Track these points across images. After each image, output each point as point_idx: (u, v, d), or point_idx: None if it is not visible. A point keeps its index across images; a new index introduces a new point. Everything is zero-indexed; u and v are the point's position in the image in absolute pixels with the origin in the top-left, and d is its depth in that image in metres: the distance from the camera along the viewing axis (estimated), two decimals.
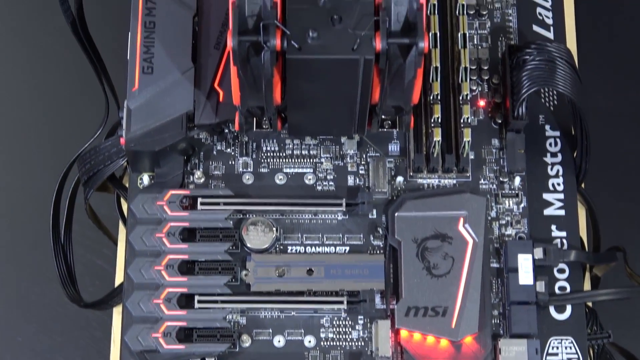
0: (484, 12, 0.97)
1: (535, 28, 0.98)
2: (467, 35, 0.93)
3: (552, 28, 0.98)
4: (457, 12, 0.94)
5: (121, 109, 0.91)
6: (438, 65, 0.91)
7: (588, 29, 1.09)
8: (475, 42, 0.97)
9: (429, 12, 0.92)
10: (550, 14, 0.99)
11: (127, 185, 0.96)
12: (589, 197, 0.97)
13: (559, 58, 0.91)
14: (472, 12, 0.97)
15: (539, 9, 0.99)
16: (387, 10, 0.81)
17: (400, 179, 0.93)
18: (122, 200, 0.98)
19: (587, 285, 0.95)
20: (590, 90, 1.03)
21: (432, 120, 0.91)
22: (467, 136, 0.91)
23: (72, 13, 0.97)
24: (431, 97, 0.92)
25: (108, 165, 0.95)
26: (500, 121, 0.95)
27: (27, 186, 1.27)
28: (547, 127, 0.96)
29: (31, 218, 1.27)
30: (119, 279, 0.96)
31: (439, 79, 0.92)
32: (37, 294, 1.27)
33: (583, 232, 0.96)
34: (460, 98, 0.92)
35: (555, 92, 0.96)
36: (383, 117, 0.91)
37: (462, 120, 0.92)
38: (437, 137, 0.91)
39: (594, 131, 0.94)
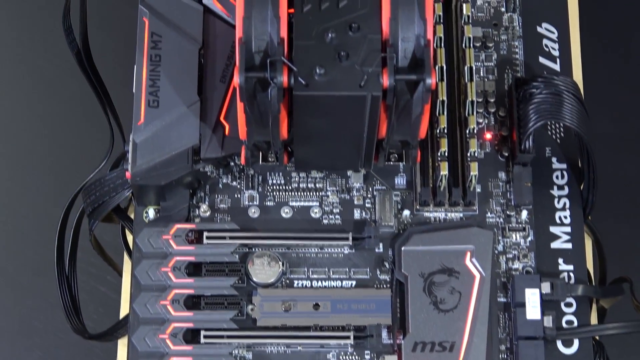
0: (490, 45, 0.97)
1: (542, 60, 0.98)
2: (474, 68, 0.92)
3: (558, 60, 0.98)
4: (463, 45, 0.93)
5: (127, 142, 0.91)
6: (444, 98, 0.91)
7: (594, 54, 1.09)
8: (482, 75, 0.96)
9: (435, 45, 0.92)
10: (556, 46, 0.98)
11: (132, 216, 0.96)
12: (596, 229, 0.96)
13: (565, 91, 0.91)
14: (478, 45, 0.97)
15: (545, 41, 0.98)
16: (394, 47, 0.81)
17: (406, 212, 0.93)
18: (127, 231, 0.98)
19: (593, 316, 0.95)
20: (596, 116, 1.03)
21: (439, 154, 0.91)
22: (474, 170, 0.90)
23: (77, 44, 0.97)
24: (438, 131, 0.92)
25: (113, 196, 0.94)
26: (507, 154, 0.94)
27: (31, 215, 1.27)
28: (554, 159, 0.96)
29: (34, 245, 1.27)
30: (124, 310, 0.96)
31: (445, 112, 0.91)
32: (40, 320, 1.27)
33: (589, 263, 0.95)
34: (467, 132, 0.92)
35: (561, 125, 0.96)
36: (390, 150, 0.90)
37: (468, 154, 0.92)
38: (444, 171, 0.90)
39: (600, 157, 0.94)
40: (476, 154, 0.92)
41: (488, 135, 0.95)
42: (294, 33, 0.82)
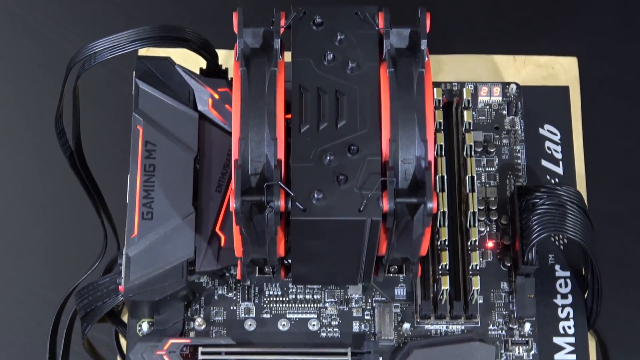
0: (492, 150, 0.95)
1: (544, 163, 0.96)
2: (475, 177, 0.90)
3: (561, 163, 0.96)
4: (465, 154, 0.91)
5: (120, 254, 0.89)
6: (445, 209, 0.89)
7: (597, 152, 1.05)
8: (483, 180, 0.94)
9: (436, 153, 0.90)
10: (559, 148, 0.97)
11: (125, 319, 0.94)
12: (600, 330, 0.94)
13: (569, 202, 0.89)
14: (479, 150, 0.95)
15: (547, 143, 0.96)
16: (394, 169, 0.79)
17: (407, 325, 0.90)
18: (120, 334, 0.96)
19: None
20: (597, 194, 1.01)
21: (440, 268, 0.89)
22: (475, 285, 0.88)
23: (70, 147, 0.95)
24: (439, 243, 0.89)
25: (106, 301, 0.92)
26: (509, 264, 0.92)
27: (26, 300, 1.25)
28: (557, 267, 0.94)
29: (28, 330, 1.25)
30: None
31: (446, 224, 0.89)
32: None
33: None
34: (469, 244, 0.90)
35: None
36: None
37: (470, 268, 0.89)
38: (445, 285, 0.88)
39: (600, 234, 0.92)
40: (478, 267, 0.90)
41: (490, 244, 0.93)
42: (291, 155, 0.80)
